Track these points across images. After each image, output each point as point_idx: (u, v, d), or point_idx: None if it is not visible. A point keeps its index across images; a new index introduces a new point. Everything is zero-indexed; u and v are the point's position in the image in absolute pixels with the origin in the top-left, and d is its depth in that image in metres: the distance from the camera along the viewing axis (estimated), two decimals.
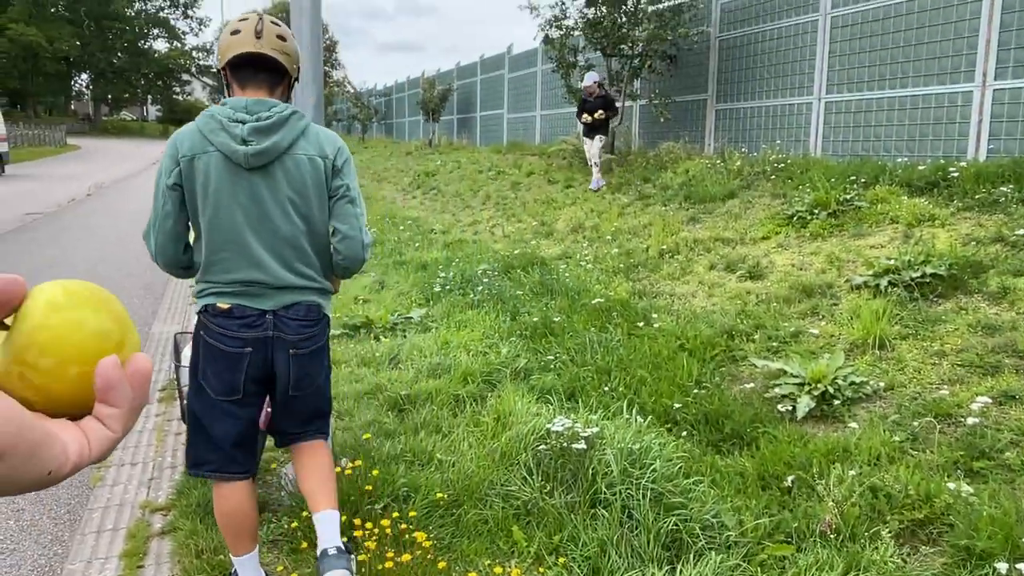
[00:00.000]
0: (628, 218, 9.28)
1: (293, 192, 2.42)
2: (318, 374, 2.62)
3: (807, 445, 3.72)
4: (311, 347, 2.52)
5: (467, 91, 22.63)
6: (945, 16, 8.18)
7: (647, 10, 11.64)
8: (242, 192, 2.38)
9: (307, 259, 2.49)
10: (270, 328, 2.43)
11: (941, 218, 6.28)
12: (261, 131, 2.36)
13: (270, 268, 2.41)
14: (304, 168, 2.42)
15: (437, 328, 6.11)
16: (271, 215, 2.40)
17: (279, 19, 2.57)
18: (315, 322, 2.53)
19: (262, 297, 2.43)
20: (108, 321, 0.52)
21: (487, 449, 3.66)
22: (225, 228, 2.39)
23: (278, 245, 2.42)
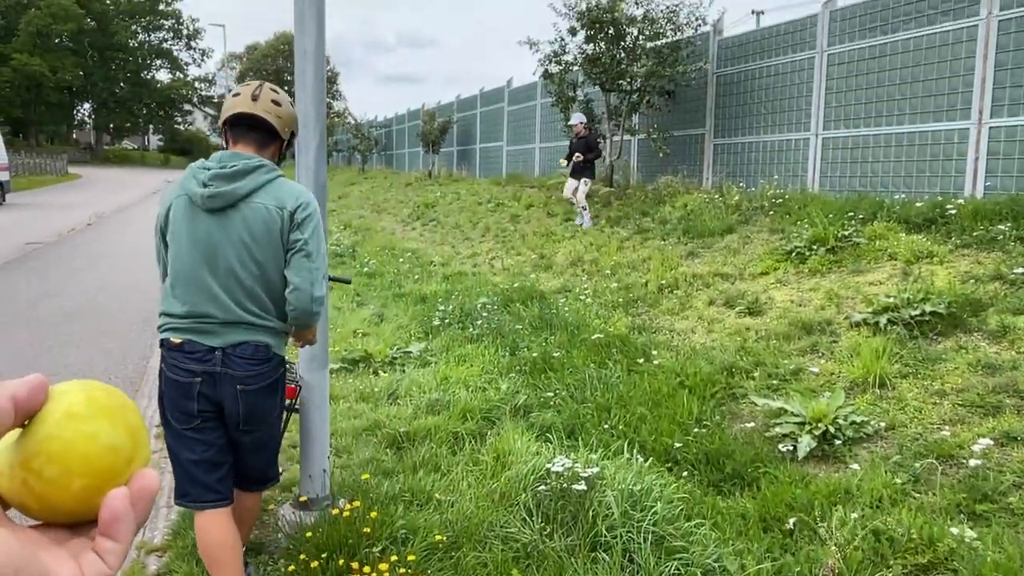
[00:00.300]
0: (627, 252, 9.31)
1: (248, 237, 2.55)
2: (270, 411, 2.73)
3: (809, 486, 3.70)
4: (259, 384, 2.62)
5: (467, 123, 22.81)
6: (941, 54, 8.28)
7: (645, 46, 11.77)
8: (200, 231, 2.55)
9: (259, 301, 2.60)
10: (218, 364, 2.55)
11: (939, 255, 6.30)
12: (222, 177, 2.54)
13: (222, 303, 2.55)
14: (260, 216, 2.56)
15: (436, 363, 6.10)
16: (226, 255, 2.55)
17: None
18: (263, 361, 2.62)
19: (211, 334, 2.55)
20: (123, 435, 0.52)
21: (486, 489, 3.64)
22: (184, 264, 2.56)
23: (231, 284, 2.56)
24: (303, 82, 3.27)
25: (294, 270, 2.58)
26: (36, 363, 6.43)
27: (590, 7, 11.65)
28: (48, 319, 8.14)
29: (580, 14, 11.81)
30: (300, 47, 3.25)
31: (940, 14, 8.29)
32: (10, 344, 7.06)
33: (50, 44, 58.23)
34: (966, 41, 8.01)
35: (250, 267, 2.56)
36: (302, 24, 3.21)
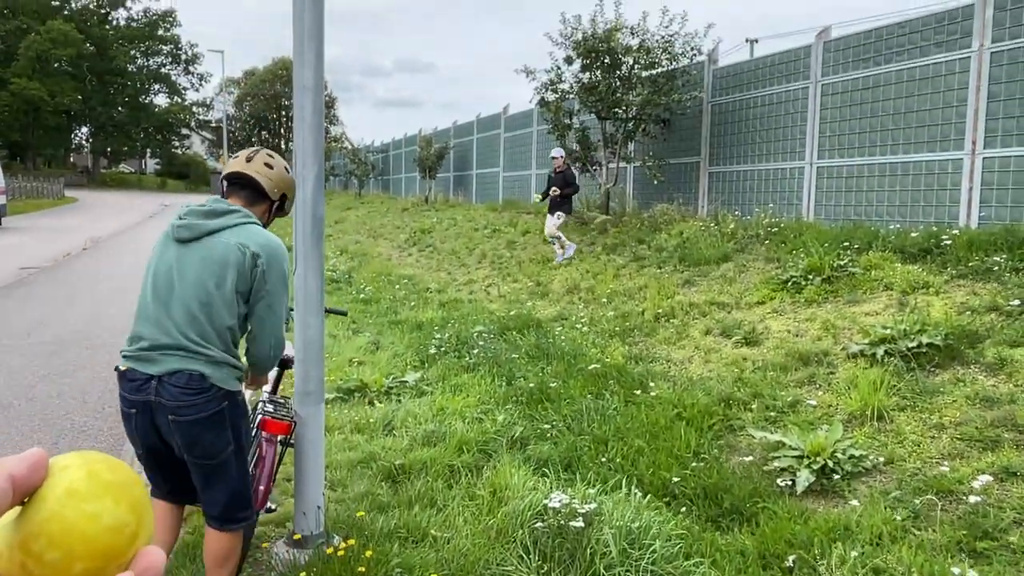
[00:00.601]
0: (623, 280, 9.31)
1: (207, 269, 2.64)
2: (216, 446, 2.67)
3: (808, 522, 3.67)
4: (193, 415, 2.59)
5: (464, 149, 22.92)
6: (934, 85, 8.36)
7: (641, 75, 11.87)
8: (165, 261, 2.69)
9: (201, 330, 2.63)
10: (152, 393, 2.58)
11: (935, 286, 6.31)
12: (195, 213, 2.72)
13: (164, 329, 2.61)
14: (224, 251, 2.65)
15: (432, 392, 6.07)
16: (180, 285, 2.63)
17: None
18: (197, 391, 2.59)
19: (150, 362, 2.61)
20: (126, 512, 0.50)
21: (483, 525, 3.60)
22: (144, 293, 2.69)
23: (177, 312, 2.62)
24: (301, 116, 3.28)
25: (256, 320, 2.74)
26: (31, 392, 6.38)
27: (586, 37, 11.76)
28: (43, 346, 8.10)
29: (576, 43, 11.91)
30: (299, 81, 3.26)
31: (933, 46, 8.38)
32: (5, 372, 7.01)
33: (49, 68, 58.54)
34: (959, 72, 8.09)
35: (200, 297, 2.62)
36: (301, 58, 3.22)
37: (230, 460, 2.73)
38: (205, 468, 2.68)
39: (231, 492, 2.76)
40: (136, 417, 2.62)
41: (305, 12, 3.16)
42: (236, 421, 2.73)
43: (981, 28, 7.85)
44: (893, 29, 8.91)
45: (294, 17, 3.16)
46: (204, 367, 2.60)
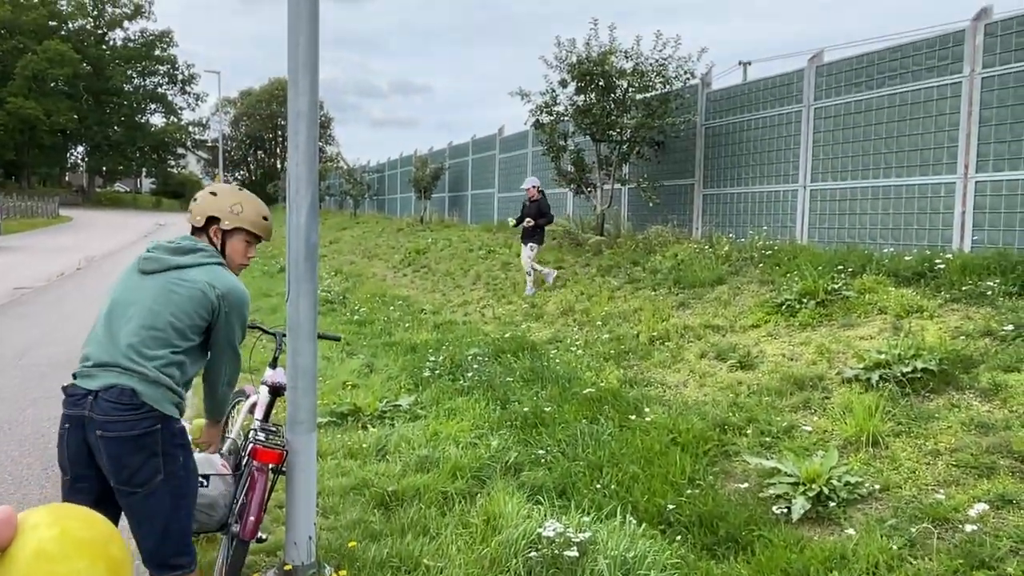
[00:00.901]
0: (618, 302, 9.31)
1: (167, 299, 2.69)
2: (142, 473, 2.54)
3: (803, 551, 3.64)
4: (118, 432, 2.51)
5: (459, 170, 22.99)
6: (926, 110, 8.43)
7: (635, 98, 11.94)
8: (124, 289, 2.75)
9: (143, 352, 2.61)
10: (87, 407, 2.55)
11: (929, 310, 6.32)
12: (162, 248, 2.82)
13: (108, 347, 2.62)
14: (192, 286, 2.72)
15: (426, 416, 6.04)
16: (136, 309, 2.67)
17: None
18: (128, 407, 2.54)
19: (91, 378, 2.60)
20: (102, 573, 0.48)
21: (476, 555, 3.56)
22: (100, 316, 2.73)
23: (126, 331, 2.64)
24: (296, 142, 3.28)
25: (212, 358, 2.86)
26: (22, 415, 6.33)
27: (581, 60, 11.84)
28: (36, 368, 8.05)
29: (571, 66, 11.98)
30: (293, 108, 3.27)
31: (925, 71, 8.46)
32: None
33: (46, 88, 58.69)
34: (950, 97, 8.16)
35: (149, 323, 2.65)
36: (296, 87, 3.23)
37: (160, 492, 2.57)
38: (132, 498, 2.55)
39: (162, 530, 2.59)
40: (69, 433, 2.58)
41: (300, 43, 3.17)
42: (171, 450, 2.61)
43: (972, 54, 7.92)
44: (885, 54, 9.00)
45: (289, 47, 3.18)
46: (137, 384, 2.56)
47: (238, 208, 2.96)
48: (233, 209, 2.95)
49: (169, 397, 2.64)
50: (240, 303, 2.82)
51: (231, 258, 2.97)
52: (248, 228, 2.98)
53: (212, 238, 2.95)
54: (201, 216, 2.95)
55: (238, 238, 2.98)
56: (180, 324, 2.68)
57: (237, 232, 2.97)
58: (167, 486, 2.59)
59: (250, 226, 2.99)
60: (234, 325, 2.81)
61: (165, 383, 2.62)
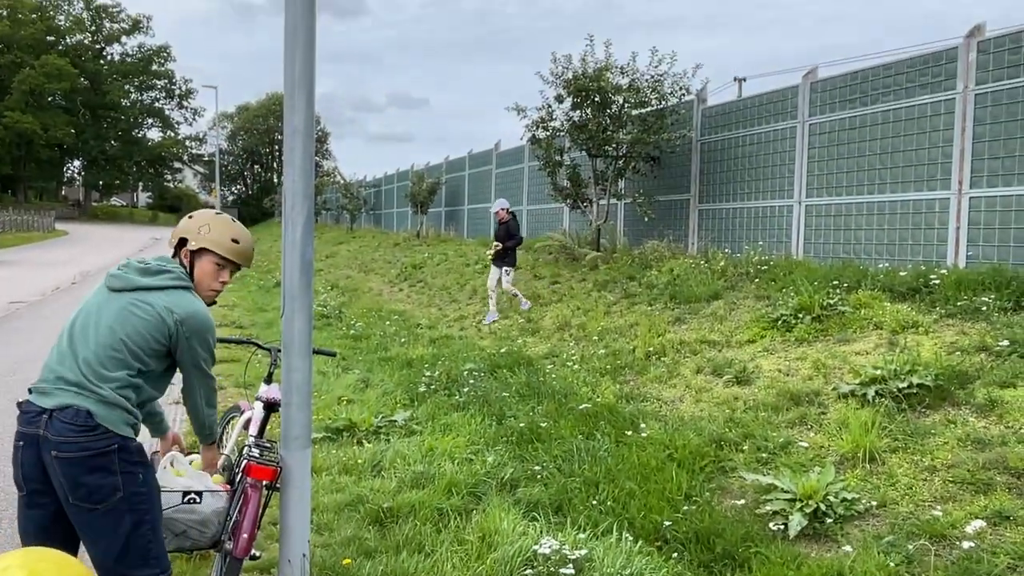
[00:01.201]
0: (614, 317, 9.31)
1: (126, 320, 2.66)
2: (100, 492, 2.51)
3: (800, 568, 3.63)
4: (73, 453, 2.49)
5: (455, 184, 23.03)
6: (920, 126, 8.47)
7: (631, 114, 12.00)
8: (90, 305, 2.75)
9: (101, 374, 2.59)
10: (42, 427, 2.52)
11: (924, 325, 6.33)
12: (131, 268, 2.79)
13: (67, 364, 2.61)
14: (151, 311, 2.68)
15: (422, 432, 6.01)
16: (96, 328, 2.66)
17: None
18: (82, 428, 2.51)
19: (46, 395, 2.58)
20: None
21: (471, 573, 3.54)
22: (63, 331, 2.72)
23: (84, 350, 2.62)
24: (291, 159, 3.28)
25: (186, 374, 2.82)
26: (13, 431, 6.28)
27: (576, 76, 11.89)
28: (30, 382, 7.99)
29: (567, 82, 12.04)
30: (289, 124, 3.27)
31: (918, 87, 8.51)
32: None
33: (43, 102, 58.80)
34: (944, 114, 8.20)
35: (109, 343, 2.62)
36: (292, 103, 3.23)
37: (119, 510, 2.53)
38: (91, 515, 2.52)
39: (123, 547, 2.54)
40: (23, 450, 2.55)
41: (296, 59, 3.17)
42: (129, 468, 2.57)
43: (965, 71, 7.98)
44: (879, 70, 9.05)
45: (285, 63, 3.18)
46: (92, 405, 2.53)
47: (205, 229, 2.89)
48: (201, 230, 2.89)
49: (124, 418, 2.61)
50: (201, 328, 2.76)
51: (200, 281, 2.89)
52: (213, 249, 2.88)
53: (182, 260, 2.89)
54: (174, 238, 2.93)
55: (206, 259, 2.89)
56: (135, 347, 2.65)
57: (204, 253, 2.88)
58: (126, 504, 2.55)
59: (215, 247, 2.88)
60: (196, 349, 2.76)
61: (121, 404, 2.59)
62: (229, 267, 2.94)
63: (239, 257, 2.95)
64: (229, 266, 2.94)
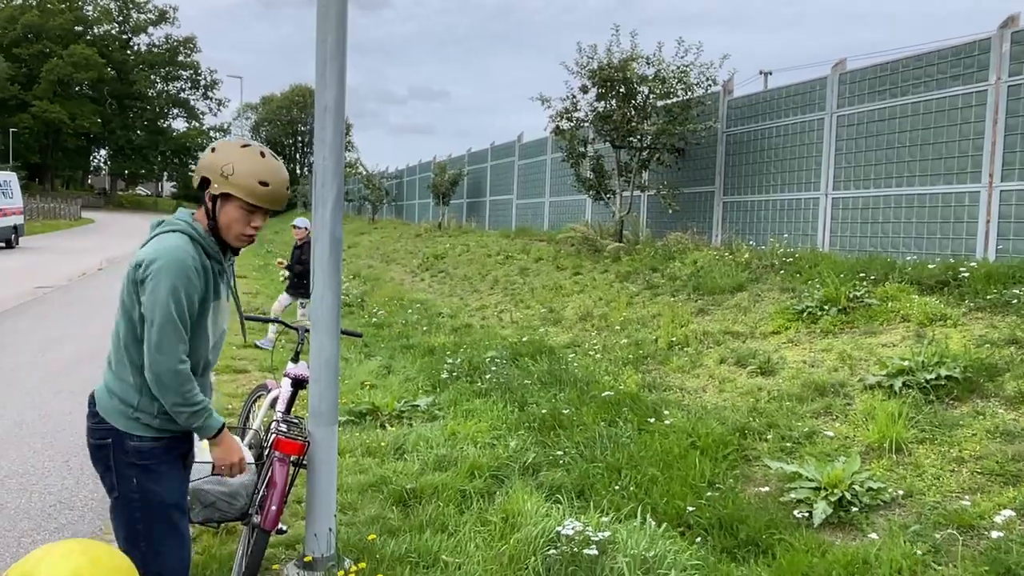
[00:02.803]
0: (637, 308, 9.28)
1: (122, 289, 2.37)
2: (106, 482, 2.38)
3: (825, 555, 3.60)
4: (89, 439, 2.38)
5: (477, 176, 23.04)
6: (950, 118, 8.35)
7: (656, 105, 11.93)
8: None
9: (109, 356, 2.41)
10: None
11: (953, 318, 6.25)
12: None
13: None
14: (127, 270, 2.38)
15: (444, 417, 6.04)
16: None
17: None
18: (88, 414, 2.39)
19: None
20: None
21: (495, 552, 3.55)
22: None
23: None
24: (322, 136, 3.30)
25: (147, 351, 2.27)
26: (45, 408, 6.39)
27: (602, 66, 11.84)
28: (57, 364, 8.13)
29: (592, 73, 12.00)
30: (321, 102, 3.29)
31: (949, 78, 8.39)
32: (20, 388, 7.04)
33: (70, 92, 59.52)
34: (976, 106, 8.08)
35: (118, 319, 2.37)
36: (323, 79, 3.25)
37: (117, 510, 2.38)
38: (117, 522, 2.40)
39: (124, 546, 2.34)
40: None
41: (328, 34, 3.19)
42: (122, 469, 2.32)
43: (998, 62, 7.85)
44: (909, 62, 8.93)
45: (317, 39, 3.20)
46: (98, 390, 2.40)
47: (228, 169, 2.37)
48: (224, 171, 2.37)
49: (120, 409, 2.32)
50: (167, 268, 2.24)
51: (227, 228, 2.40)
52: (238, 196, 2.37)
53: (206, 202, 2.43)
54: (196, 176, 2.46)
55: (231, 205, 2.39)
56: (120, 318, 2.35)
57: (228, 199, 2.39)
58: (119, 507, 2.37)
59: (241, 193, 2.37)
60: (159, 293, 2.23)
61: (117, 392, 2.34)
62: (259, 212, 2.45)
63: (269, 202, 2.43)
64: (259, 211, 2.45)
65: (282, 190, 2.47)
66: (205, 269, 2.37)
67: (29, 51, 58.67)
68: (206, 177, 2.42)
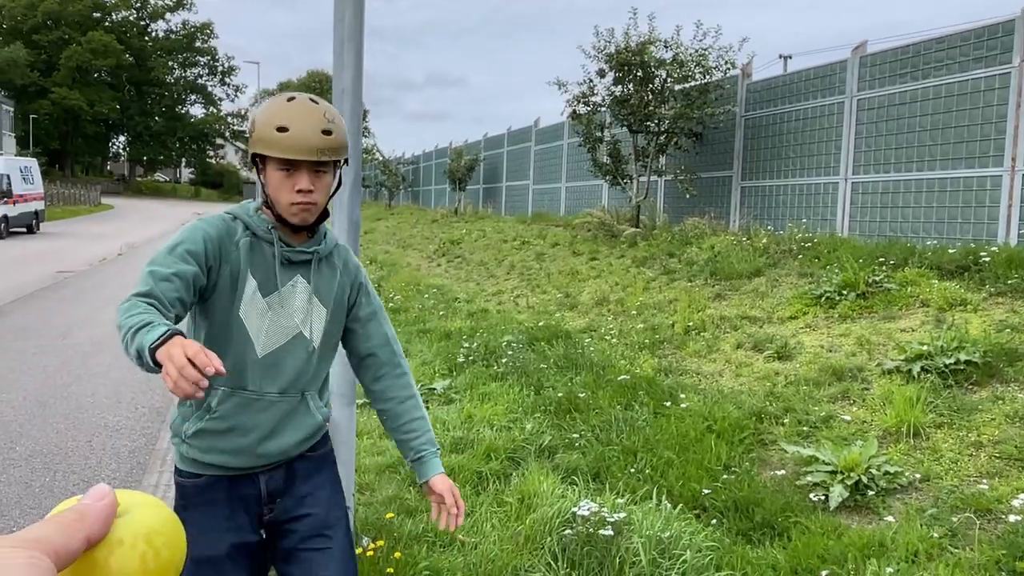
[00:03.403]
0: (653, 293, 9.26)
1: None
2: None
3: (841, 538, 3.61)
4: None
5: (494, 161, 23.01)
6: (972, 101, 8.25)
7: (673, 89, 11.85)
8: None
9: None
10: None
11: (973, 303, 6.20)
12: None
13: None
14: None
15: (460, 400, 6.07)
16: None
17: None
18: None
19: None
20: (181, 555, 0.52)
21: (511, 532, 3.58)
22: None
23: None
24: None
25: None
26: (66, 391, 6.48)
27: (619, 50, 11.78)
28: (78, 347, 8.23)
29: (609, 56, 11.93)
30: (338, 84, 3.29)
31: (972, 61, 8.28)
32: (42, 372, 7.14)
33: (89, 78, 59.86)
34: (998, 88, 7.97)
35: None
36: (341, 61, 3.25)
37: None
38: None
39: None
40: None
41: (346, 14, 3.19)
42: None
43: (1022, 44, 7.73)
44: (931, 44, 8.82)
45: (335, 20, 3.20)
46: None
47: (251, 127, 1.92)
48: (250, 131, 1.93)
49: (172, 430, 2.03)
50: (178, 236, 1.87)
51: (275, 202, 1.89)
52: (263, 152, 1.85)
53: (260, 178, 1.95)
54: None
55: (268, 170, 1.88)
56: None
57: (263, 163, 1.89)
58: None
59: (262, 148, 1.84)
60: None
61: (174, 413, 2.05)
62: (300, 168, 1.84)
63: (295, 151, 1.81)
64: (298, 168, 1.84)
65: (308, 133, 1.81)
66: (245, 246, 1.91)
67: (48, 38, 59.03)
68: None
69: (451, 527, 2.12)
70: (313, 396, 2.04)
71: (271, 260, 1.94)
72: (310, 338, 1.99)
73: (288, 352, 1.96)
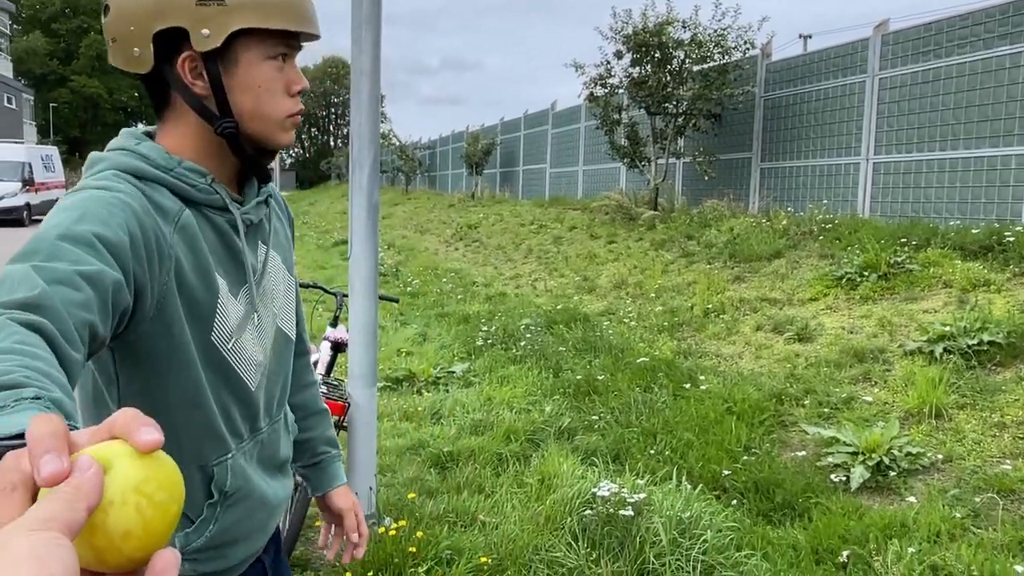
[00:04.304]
0: (672, 275, 9.23)
1: None
2: None
3: (862, 518, 3.60)
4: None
5: (510, 145, 22.95)
6: (997, 79, 8.11)
7: (692, 70, 11.75)
8: None
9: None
10: None
11: (997, 283, 6.13)
12: None
13: None
14: None
15: (479, 383, 6.09)
16: None
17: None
18: None
19: None
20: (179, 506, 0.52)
21: (531, 512, 3.60)
22: None
23: None
24: (358, 101, 3.32)
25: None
26: None
27: (636, 31, 11.68)
28: None
29: (626, 38, 11.84)
30: (356, 67, 3.30)
31: (997, 38, 8.13)
32: None
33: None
34: (1023, 66, 7.83)
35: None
36: (359, 43, 3.26)
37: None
38: None
39: None
40: None
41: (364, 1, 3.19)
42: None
43: None
44: (955, 21, 8.67)
45: (353, 5, 3.20)
46: None
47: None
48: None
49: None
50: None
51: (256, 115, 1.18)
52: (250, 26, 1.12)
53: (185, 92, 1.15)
54: (129, 42, 1.13)
55: (247, 60, 1.16)
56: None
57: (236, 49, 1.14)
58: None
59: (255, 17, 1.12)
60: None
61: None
62: (293, 54, 1.23)
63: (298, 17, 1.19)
64: (290, 53, 1.21)
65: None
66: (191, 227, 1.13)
67: (67, 26, 59.41)
68: (168, 30, 1.10)
69: (344, 560, 1.57)
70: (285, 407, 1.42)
71: (231, 236, 1.20)
72: (287, 331, 1.37)
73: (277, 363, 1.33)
